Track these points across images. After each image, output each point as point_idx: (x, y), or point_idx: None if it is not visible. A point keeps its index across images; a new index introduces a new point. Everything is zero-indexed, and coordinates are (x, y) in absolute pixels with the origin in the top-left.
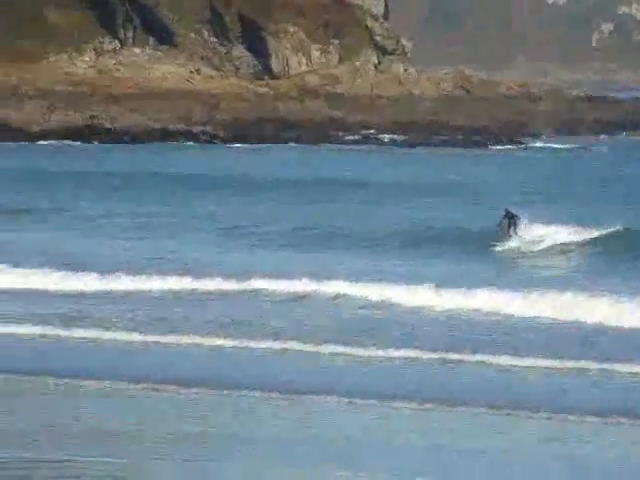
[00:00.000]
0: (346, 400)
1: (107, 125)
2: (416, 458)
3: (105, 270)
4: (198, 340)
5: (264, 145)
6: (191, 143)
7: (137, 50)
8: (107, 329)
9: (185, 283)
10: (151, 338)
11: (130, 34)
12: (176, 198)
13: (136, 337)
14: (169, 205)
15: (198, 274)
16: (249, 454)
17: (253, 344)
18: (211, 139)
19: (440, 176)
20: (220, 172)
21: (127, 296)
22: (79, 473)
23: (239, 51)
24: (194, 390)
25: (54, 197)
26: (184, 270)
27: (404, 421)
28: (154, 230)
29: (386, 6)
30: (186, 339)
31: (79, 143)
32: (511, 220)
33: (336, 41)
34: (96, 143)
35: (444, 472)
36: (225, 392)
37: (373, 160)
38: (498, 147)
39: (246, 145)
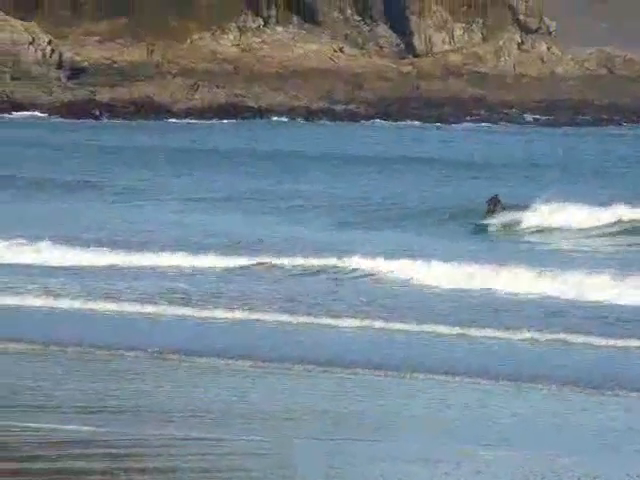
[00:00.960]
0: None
1: (250, 104)
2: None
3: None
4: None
5: (406, 123)
6: (333, 122)
7: (280, 29)
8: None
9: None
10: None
11: (273, 12)
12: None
13: (287, 318)
14: (318, 184)
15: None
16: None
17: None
18: (354, 118)
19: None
20: (361, 151)
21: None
22: (225, 452)
23: (382, 30)
24: (348, 371)
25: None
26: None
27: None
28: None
29: None
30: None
31: (225, 121)
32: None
33: (479, 19)
34: (239, 121)
35: None
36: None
37: (515, 140)
38: None
39: (389, 123)
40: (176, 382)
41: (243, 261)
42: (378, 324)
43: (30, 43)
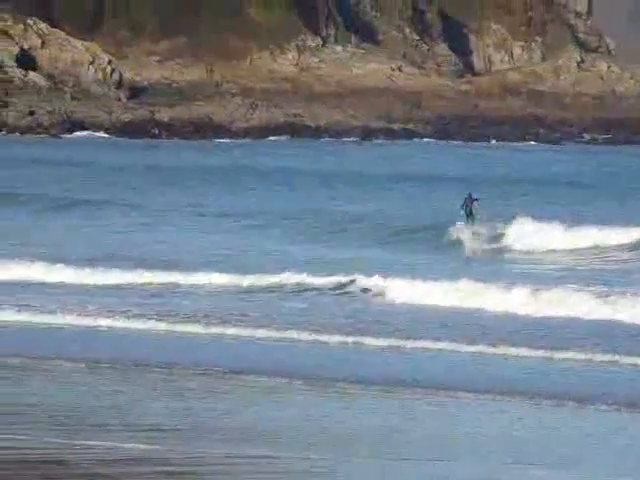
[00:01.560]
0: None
1: (308, 123)
2: None
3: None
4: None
5: (464, 142)
6: (391, 141)
7: (339, 48)
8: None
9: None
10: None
11: (332, 32)
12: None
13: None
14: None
15: None
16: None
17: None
18: (411, 137)
19: None
20: (417, 169)
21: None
22: (281, 470)
23: (441, 48)
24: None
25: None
26: None
27: None
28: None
29: (590, 3)
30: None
31: (283, 138)
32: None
33: (539, 38)
34: (296, 140)
35: None
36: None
37: (577, 158)
38: None
39: (446, 142)
40: (233, 400)
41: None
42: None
43: (90, 63)
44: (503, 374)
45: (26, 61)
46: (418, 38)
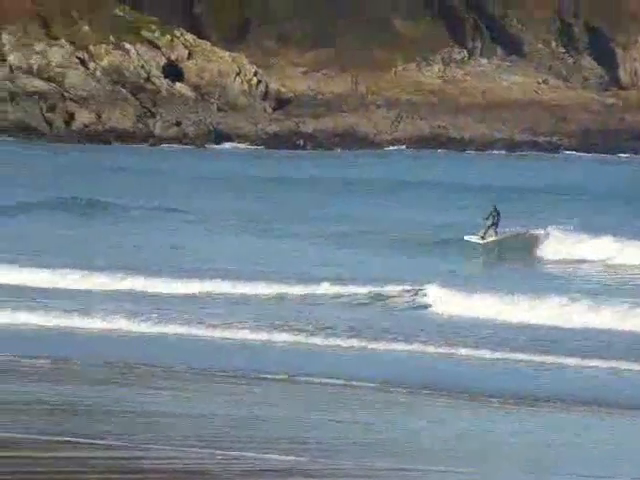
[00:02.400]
0: None
1: (453, 135)
2: None
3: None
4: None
5: (609, 155)
6: (535, 153)
7: (484, 60)
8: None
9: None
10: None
11: (478, 44)
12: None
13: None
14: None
15: None
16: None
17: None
18: (556, 150)
19: None
20: (562, 182)
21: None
22: None
23: (587, 62)
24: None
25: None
26: None
27: None
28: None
29: None
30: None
31: (429, 151)
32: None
33: None
34: (442, 152)
35: None
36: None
37: None
38: None
39: (593, 156)
40: (372, 413)
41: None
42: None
43: (237, 74)
44: None
45: (173, 72)
46: (564, 51)
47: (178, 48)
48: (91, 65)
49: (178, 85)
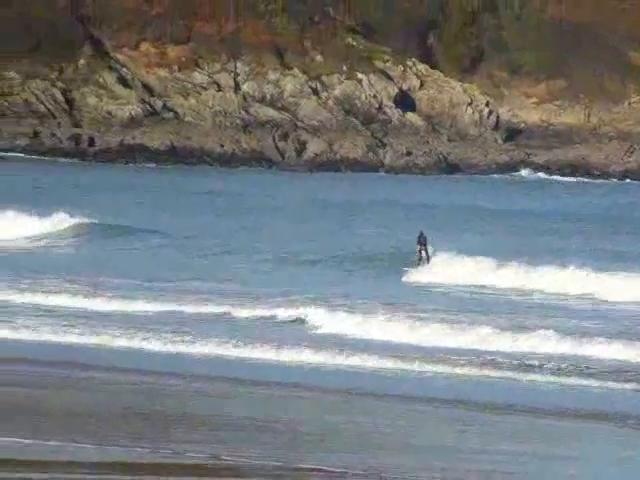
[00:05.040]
0: None
1: None
2: None
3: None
4: None
5: None
6: None
7: None
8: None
9: None
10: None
11: None
12: None
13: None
14: None
15: None
16: None
17: None
18: None
19: None
20: None
21: None
22: None
23: None
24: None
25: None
26: None
27: None
28: None
29: None
30: None
31: None
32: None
33: None
34: None
35: None
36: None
37: None
38: None
39: None
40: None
41: None
42: None
43: (468, 104)
44: None
45: (404, 102)
46: None
47: (410, 78)
48: (323, 95)
49: (409, 115)
